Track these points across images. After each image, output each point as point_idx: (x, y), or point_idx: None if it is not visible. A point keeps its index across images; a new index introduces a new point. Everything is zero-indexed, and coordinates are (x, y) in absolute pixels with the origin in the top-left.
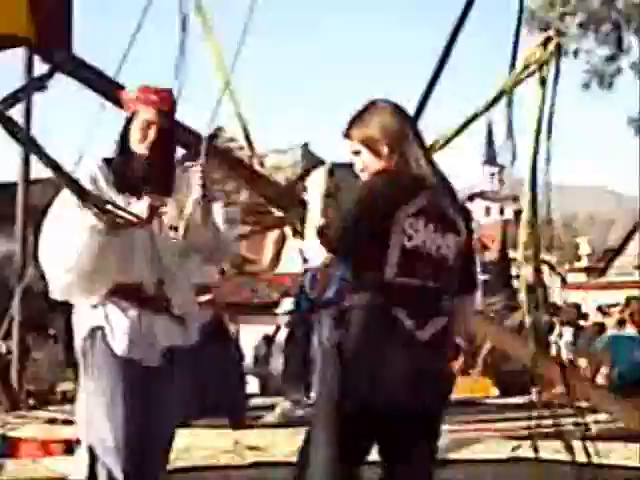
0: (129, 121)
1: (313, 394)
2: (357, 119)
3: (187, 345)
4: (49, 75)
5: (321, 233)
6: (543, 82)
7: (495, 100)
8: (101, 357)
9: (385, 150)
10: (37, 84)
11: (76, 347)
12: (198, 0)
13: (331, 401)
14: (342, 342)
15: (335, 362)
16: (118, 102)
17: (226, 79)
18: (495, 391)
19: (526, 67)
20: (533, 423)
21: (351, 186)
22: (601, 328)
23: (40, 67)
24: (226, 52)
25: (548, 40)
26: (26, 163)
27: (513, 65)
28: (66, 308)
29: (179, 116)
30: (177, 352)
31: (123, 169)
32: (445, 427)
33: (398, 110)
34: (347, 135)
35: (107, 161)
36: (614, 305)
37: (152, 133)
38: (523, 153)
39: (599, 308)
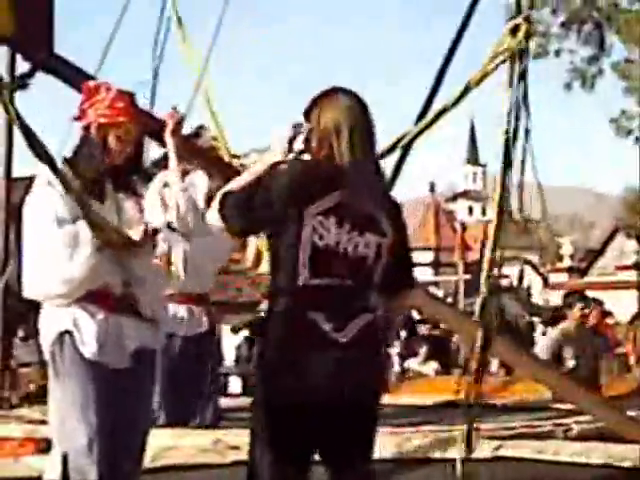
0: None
1: None
2: (311, 103)
3: (155, 346)
4: (30, 74)
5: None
6: (513, 73)
7: (462, 94)
8: (70, 362)
9: (314, 142)
10: (19, 83)
11: (44, 351)
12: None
13: (261, 407)
14: (263, 350)
15: (259, 370)
16: None
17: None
18: None
19: (494, 57)
20: (516, 424)
21: None
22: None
23: (22, 65)
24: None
25: (517, 28)
26: (8, 161)
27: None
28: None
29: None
30: (147, 353)
31: (89, 172)
32: (429, 427)
33: (346, 102)
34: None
35: (68, 161)
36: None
37: (129, 144)
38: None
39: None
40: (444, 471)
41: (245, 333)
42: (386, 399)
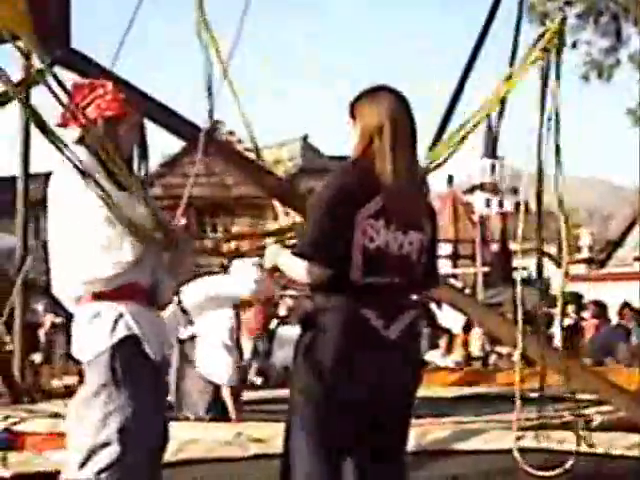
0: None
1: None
2: (357, 98)
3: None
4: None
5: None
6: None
7: (507, 93)
8: (135, 363)
9: (358, 140)
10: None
11: (85, 359)
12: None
13: (308, 399)
14: (312, 344)
15: (307, 363)
16: None
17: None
18: None
19: (531, 53)
20: (535, 414)
21: None
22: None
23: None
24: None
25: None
26: (25, 158)
27: (513, 57)
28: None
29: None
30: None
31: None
32: (449, 418)
33: (391, 102)
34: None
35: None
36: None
37: (137, 135)
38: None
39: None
40: (464, 463)
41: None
42: None
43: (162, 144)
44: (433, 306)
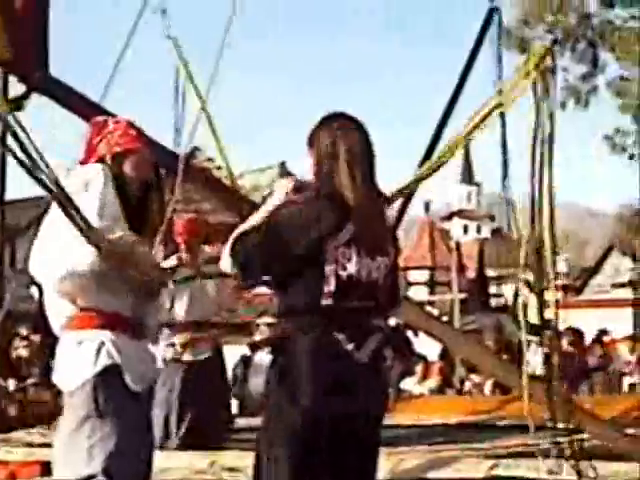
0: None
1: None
2: (312, 130)
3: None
4: (25, 96)
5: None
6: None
7: (489, 113)
8: (117, 393)
9: (315, 168)
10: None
11: (65, 389)
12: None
13: (282, 423)
14: (285, 369)
15: (281, 388)
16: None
17: (202, 103)
18: None
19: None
20: (512, 442)
21: None
22: None
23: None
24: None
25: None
26: (2, 183)
27: (499, 79)
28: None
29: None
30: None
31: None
32: (424, 447)
33: (343, 124)
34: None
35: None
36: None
37: (147, 171)
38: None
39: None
40: None
41: (242, 353)
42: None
43: None
44: (409, 333)
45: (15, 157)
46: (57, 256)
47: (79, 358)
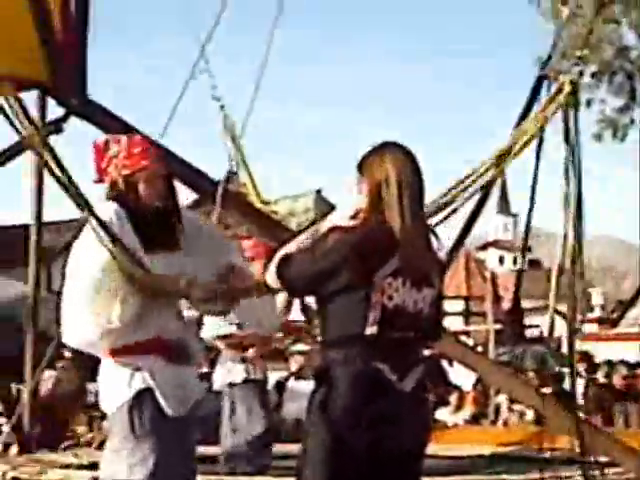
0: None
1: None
2: (365, 155)
3: (202, 395)
4: (64, 119)
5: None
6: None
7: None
8: (152, 417)
9: (366, 198)
10: (52, 128)
11: (109, 410)
12: None
13: (324, 453)
14: (327, 399)
15: (323, 418)
16: None
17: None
18: None
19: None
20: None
21: None
22: None
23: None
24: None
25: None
26: (38, 205)
27: (528, 109)
28: None
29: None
30: (197, 402)
31: (137, 218)
32: (457, 477)
33: (396, 156)
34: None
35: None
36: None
37: (160, 184)
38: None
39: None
40: None
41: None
42: None
43: None
44: (444, 363)
45: (57, 179)
46: (87, 318)
47: (117, 382)
